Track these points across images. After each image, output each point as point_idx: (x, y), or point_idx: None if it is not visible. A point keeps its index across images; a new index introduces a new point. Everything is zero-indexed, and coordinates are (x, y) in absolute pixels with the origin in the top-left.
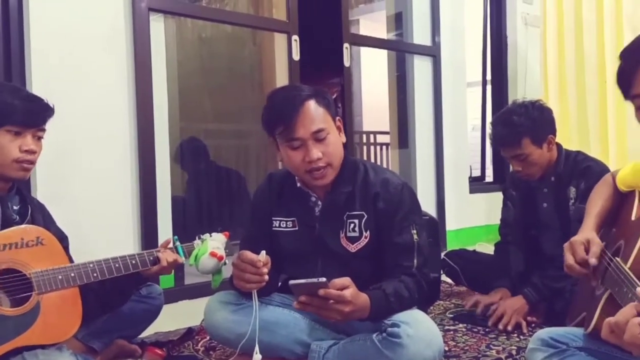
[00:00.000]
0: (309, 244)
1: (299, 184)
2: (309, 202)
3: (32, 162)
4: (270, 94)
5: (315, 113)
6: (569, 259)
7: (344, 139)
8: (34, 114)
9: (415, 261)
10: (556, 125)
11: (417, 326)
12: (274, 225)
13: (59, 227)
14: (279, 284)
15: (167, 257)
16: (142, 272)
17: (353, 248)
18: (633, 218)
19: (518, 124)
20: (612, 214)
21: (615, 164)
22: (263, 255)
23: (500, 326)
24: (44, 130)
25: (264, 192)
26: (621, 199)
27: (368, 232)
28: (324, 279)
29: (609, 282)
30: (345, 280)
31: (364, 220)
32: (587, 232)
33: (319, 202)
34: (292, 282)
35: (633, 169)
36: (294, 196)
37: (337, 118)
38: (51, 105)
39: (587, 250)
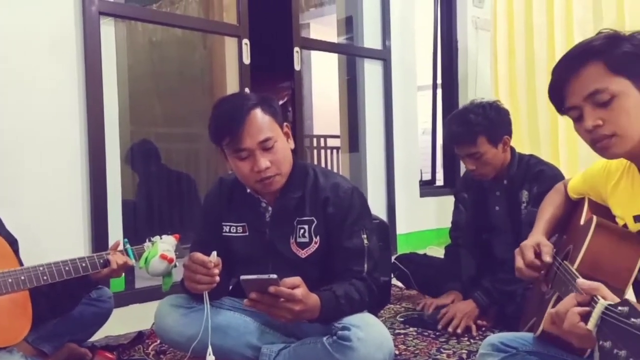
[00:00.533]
0: (259, 249)
1: (248, 190)
2: (259, 208)
3: None
4: (216, 104)
5: (261, 122)
6: (519, 262)
7: (292, 145)
8: None
9: (365, 266)
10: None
11: (368, 329)
12: (224, 231)
13: (8, 231)
14: (230, 287)
15: (117, 259)
16: (93, 275)
17: (303, 253)
18: (582, 223)
19: (475, 123)
20: (563, 221)
21: (566, 168)
22: (214, 256)
23: (450, 329)
24: None
25: (214, 197)
26: (573, 207)
27: (318, 238)
28: (274, 276)
29: (557, 285)
30: (296, 279)
31: (313, 226)
32: (537, 236)
33: (269, 208)
34: (243, 277)
35: (583, 177)
36: (244, 202)
37: (285, 124)
38: None
39: (537, 254)
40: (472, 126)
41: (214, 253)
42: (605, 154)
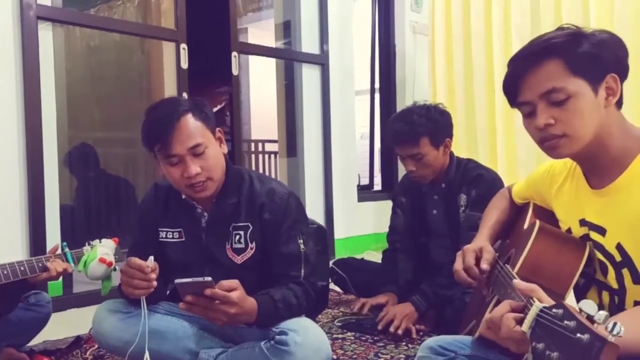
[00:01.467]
0: (195, 254)
1: (184, 196)
2: (194, 213)
3: None
4: (148, 110)
5: (192, 128)
6: (458, 264)
7: (225, 150)
8: None
9: (302, 270)
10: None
11: (305, 334)
12: (160, 236)
13: None
14: (167, 292)
15: (56, 266)
16: (30, 279)
17: (239, 259)
18: (525, 227)
19: (418, 123)
20: (508, 226)
21: (505, 172)
22: (151, 261)
23: (392, 329)
24: None
25: (149, 202)
26: (518, 212)
27: (254, 244)
28: (209, 278)
29: (497, 288)
30: (233, 282)
31: (249, 232)
32: (480, 241)
33: (205, 213)
34: (177, 280)
35: (527, 181)
36: (180, 207)
37: (218, 129)
38: None
39: (478, 259)
40: (415, 127)
41: (151, 258)
42: (552, 154)
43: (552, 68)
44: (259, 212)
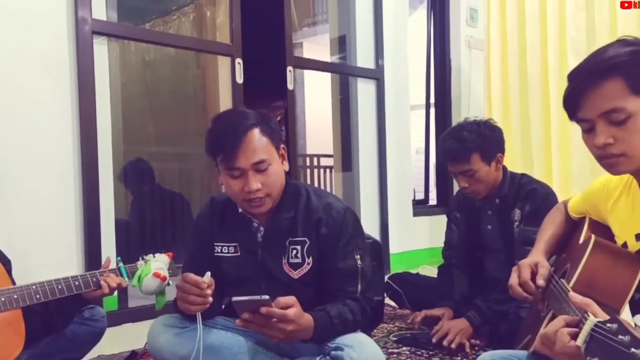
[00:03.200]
0: (251, 269)
1: (240, 210)
2: (251, 228)
3: None
4: (215, 119)
5: (258, 143)
6: (513, 279)
7: (286, 168)
8: None
9: (359, 286)
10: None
11: (361, 349)
12: (216, 251)
13: (1, 251)
14: (223, 307)
15: (109, 281)
16: (85, 294)
17: (296, 274)
18: (580, 242)
19: (468, 140)
20: (563, 240)
21: (559, 186)
22: (208, 277)
23: (445, 343)
24: None
25: (205, 217)
26: (574, 227)
27: (311, 259)
28: (267, 297)
29: (552, 302)
30: (290, 299)
31: (306, 247)
32: (536, 256)
33: (261, 228)
34: (235, 298)
35: (583, 196)
36: (236, 222)
37: (282, 146)
38: None
39: (534, 274)
40: (465, 143)
41: (208, 274)
42: (610, 171)
43: (613, 87)
44: (316, 226)
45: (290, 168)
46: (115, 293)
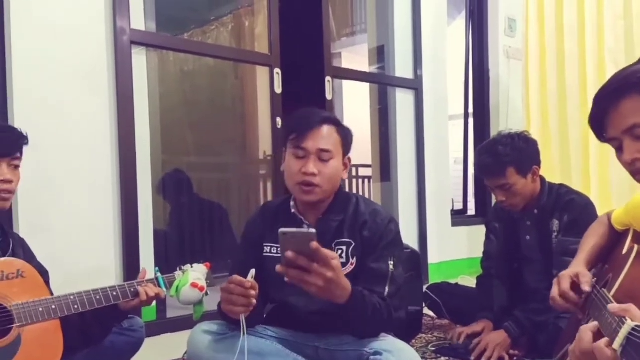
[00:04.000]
0: None
1: (293, 210)
2: (301, 228)
3: (10, 192)
4: (305, 107)
5: (330, 135)
6: (554, 291)
7: (345, 176)
8: (6, 144)
9: (387, 288)
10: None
11: (400, 355)
12: (264, 251)
13: (39, 262)
14: (264, 315)
15: (147, 291)
16: (123, 306)
17: None
18: (624, 252)
19: (503, 154)
20: (606, 252)
21: (597, 197)
22: (252, 275)
23: (483, 359)
24: (19, 158)
25: (256, 220)
26: (617, 239)
27: (354, 259)
28: (313, 230)
29: (593, 312)
30: (333, 253)
31: (351, 248)
32: (577, 266)
33: (311, 229)
34: (282, 229)
35: (626, 208)
36: (287, 222)
37: (348, 157)
38: (24, 134)
39: (575, 285)
40: (500, 157)
41: (252, 271)
42: None
43: (631, 104)
44: (360, 229)
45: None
46: (154, 303)
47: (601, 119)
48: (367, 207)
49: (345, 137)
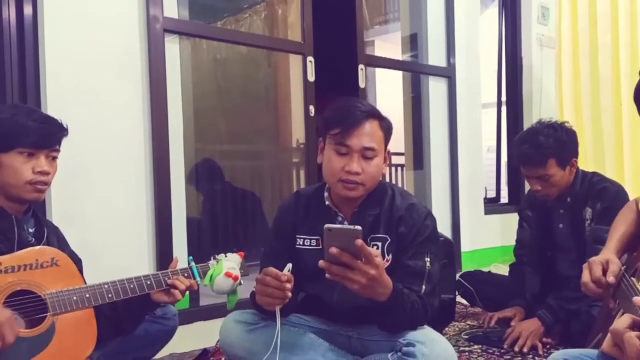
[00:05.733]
0: None
1: (327, 202)
2: (334, 222)
3: (46, 183)
4: (345, 98)
5: (374, 132)
6: (585, 276)
7: (385, 170)
8: (46, 135)
9: (424, 287)
10: None
11: (433, 346)
12: (297, 243)
13: (73, 250)
14: (298, 302)
15: (179, 285)
16: (156, 299)
17: None
18: None
19: (545, 145)
20: (636, 238)
21: (631, 186)
22: (288, 269)
23: (516, 348)
24: (58, 150)
25: (289, 208)
26: None
27: (390, 256)
28: (359, 227)
29: (623, 301)
30: (375, 250)
31: (387, 244)
32: (607, 253)
33: (345, 222)
34: (328, 225)
35: None
36: (320, 214)
37: (388, 150)
38: (65, 126)
39: (605, 271)
40: (543, 149)
41: (289, 265)
42: None
43: None
44: (397, 225)
45: None
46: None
47: None
48: (403, 201)
49: (387, 131)
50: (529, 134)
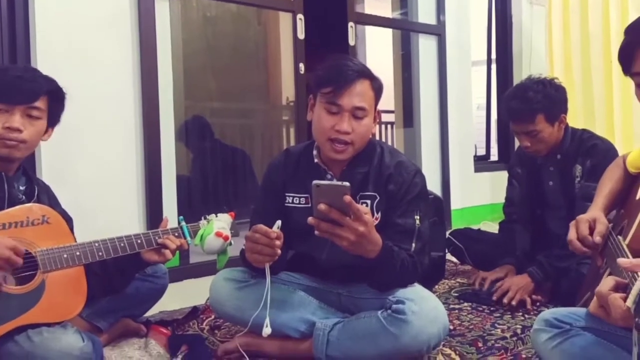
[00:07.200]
0: None
1: (316, 160)
2: (324, 179)
3: (16, 140)
4: (335, 57)
5: (365, 92)
6: (572, 234)
7: (375, 130)
8: (18, 91)
9: (413, 245)
10: None
11: (422, 303)
12: (287, 201)
13: (64, 209)
14: (288, 260)
15: (169, 244)
16: (146, 258)
17: None
18: (637, 197)
19: (534, 100)
20: (623, 195)
21: (621, 143)
22: (277, 226)
23: (505, 300)
24: (36, 108)
25: (278, 166)
26: (631, 181)
27: (379, 214)
28: (347, 184)
29: (609, 260)
30: (365, 208)
31: (376, 202)
32: (594, 211)
33: (334, 180)
34: (316, 182)
35: None
36: (310, 172)
37: (378, 110)
38: (48, 81)
39: (592, 229)
40: (531, 104)
41: (278, 222)
42: None
43: None
44: (385, 183)
45: None
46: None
47: (631, 51)
48: (392, 159)
49: (378, 91)
50: (518, 89)
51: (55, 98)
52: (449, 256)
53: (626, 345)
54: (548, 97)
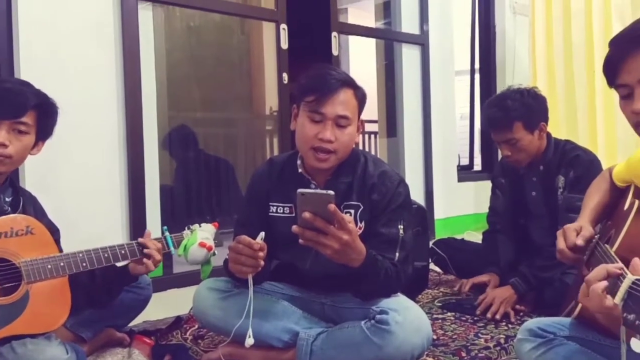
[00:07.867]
0: None
1: (300, 170)
2: (308, 188)
3: (2, 156)
4: (319, 66)
5: (349, 100)
6: (560, 243)
7: (358, 139)
8: (4, 106)
9: (397, 254)
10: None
11: (406, 313)
12: (270, 211)
13: (50, 219)
14: (271, 270)
15: (154, 254)
16: (133, 270)
17: None
18: (625, 208)
19: (512, 108)
20: (609, 208)
21: (604, 154)
22: (261, 238)
23: (489, 314)
24: (24, 124)
25: (262, 176)
26: (619, 195)
27: (363, 223)
28: (331, 192)
29: (595, 267)
30: (348, 217)
31: (359, 211)
32: (581, 222)
33: (318, 189)
34: (300, 190)
35: (627, 164)
36: (293, 182)
37: (361, 119)
38: (39, 95)
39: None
40: (509, 112)
41: (262, 234)
42: None
43: None
44: (369, 192)
45: None
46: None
47: (616, 63)
48: (376, 169)
49: (362, 100)
50: (497, 98)
51: (44, 112)
52: (432, 266)
53: (610, 354)
54: (526, 105)
